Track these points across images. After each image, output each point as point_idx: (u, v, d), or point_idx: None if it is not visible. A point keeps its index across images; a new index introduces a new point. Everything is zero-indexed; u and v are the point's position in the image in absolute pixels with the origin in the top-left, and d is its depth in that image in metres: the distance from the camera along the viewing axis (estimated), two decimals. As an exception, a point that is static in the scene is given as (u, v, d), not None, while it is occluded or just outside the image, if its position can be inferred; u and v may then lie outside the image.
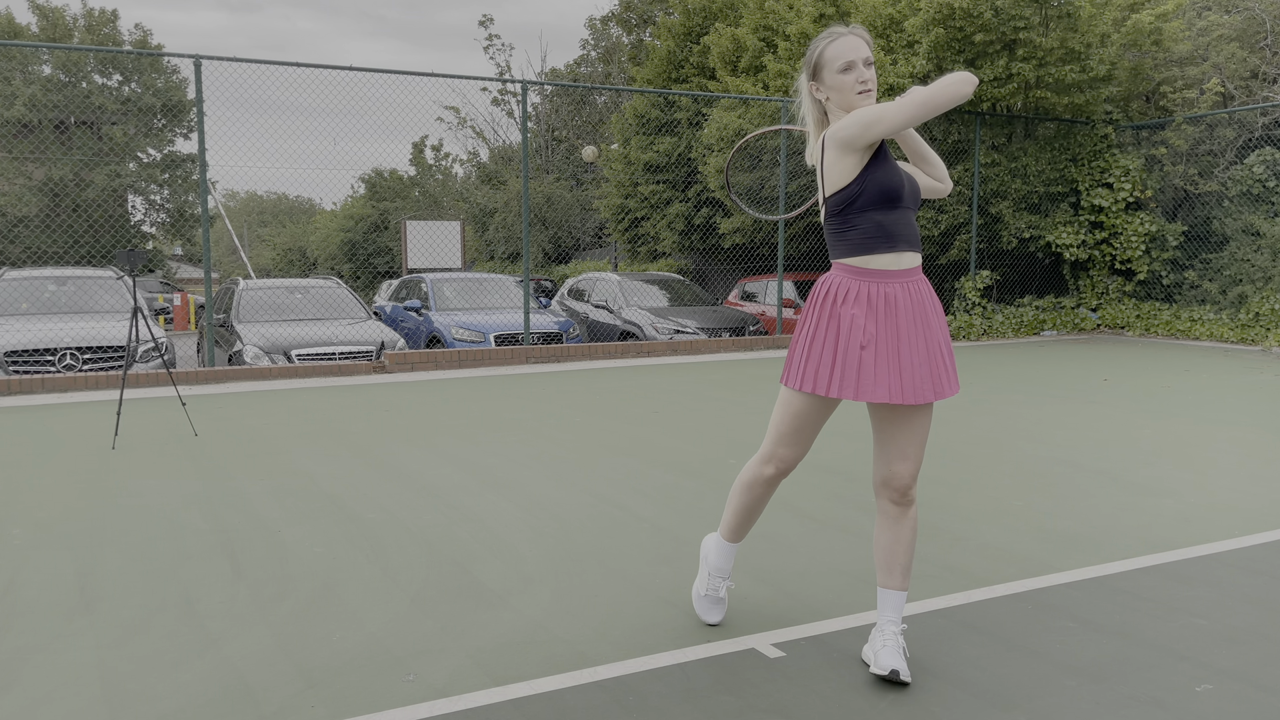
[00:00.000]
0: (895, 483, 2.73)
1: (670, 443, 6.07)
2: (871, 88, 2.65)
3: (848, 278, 2.68)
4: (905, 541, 2.75)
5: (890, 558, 2.76)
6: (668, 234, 20.72)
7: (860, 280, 2.66)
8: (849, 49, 2.65)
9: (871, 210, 2.64)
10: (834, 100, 2.70)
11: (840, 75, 2.66)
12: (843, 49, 2.65)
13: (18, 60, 24.04)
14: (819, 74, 2.70)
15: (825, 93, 2.71)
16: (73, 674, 2.76)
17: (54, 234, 23.84)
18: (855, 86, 2.64)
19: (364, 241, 35.28)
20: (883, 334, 2.62)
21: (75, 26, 25.82)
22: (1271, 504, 4.57)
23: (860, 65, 2.64)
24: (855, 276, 2.66)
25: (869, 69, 2.65)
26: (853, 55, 2.64)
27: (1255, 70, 13.54)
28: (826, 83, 2.69)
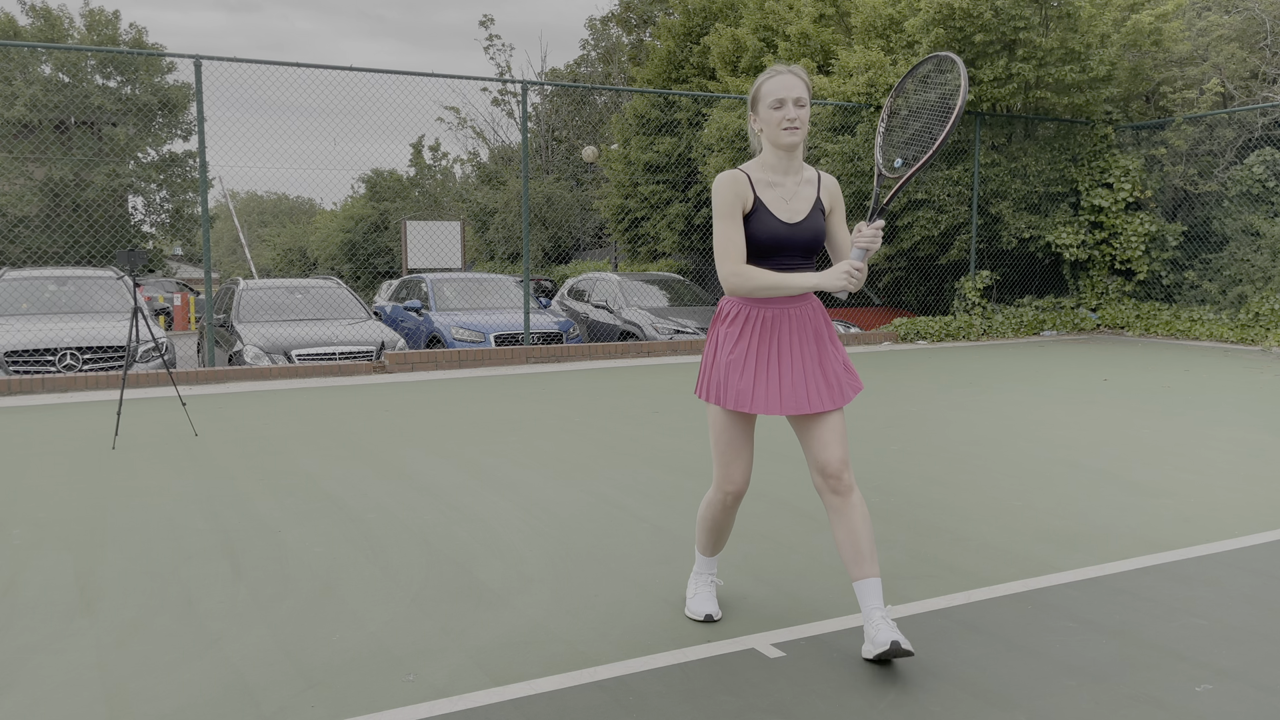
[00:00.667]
0: (828, 470, 2.85)
1: (670, 443, 6.07)
2: (799, 127, 2.79)
3: (735, 301, 2.93)
4: (860, 529, 2.83)
5: (853, 549, 2.83)
6: (668, 234, 20.73)
7: (744, 304, 2.91)
8: (782, 87, 2.79)
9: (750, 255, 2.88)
10: (765, 133, 2.85)
11: (771, 110, 2.81)
12: (776, 86, 2.80)
13: (17, 61, 24.05)
14: (755, 106, 2.87)
15: (759, 124, 2.87)
16: (73, 674, 2.76)
17: (54, 234, 23.84)
18: (781, 123, 2.80)
19: (364, 241, 35.28)
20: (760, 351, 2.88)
21: (73, 26, 25.82)
22: (1271, 504, 4.57)
23: (790, 104, 2.78)
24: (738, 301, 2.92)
25: (800, 109, 2.79)
26: (784, 94, 2.78)
27: (1255, 70, 13.54)
28: (760, 115, 2.85)
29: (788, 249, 2.88)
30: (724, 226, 2.83)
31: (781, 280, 2.78)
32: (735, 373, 2.87)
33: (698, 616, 3.15)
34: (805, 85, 2.81)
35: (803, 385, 2.87)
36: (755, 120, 2.89)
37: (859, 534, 2.82)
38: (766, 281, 2.79)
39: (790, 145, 2.82)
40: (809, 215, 2.89)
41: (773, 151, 2.87)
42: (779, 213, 2.86)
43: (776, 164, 2.88)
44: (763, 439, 6.17)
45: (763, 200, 2.85)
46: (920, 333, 12.91)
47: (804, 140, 2.84)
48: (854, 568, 2.82)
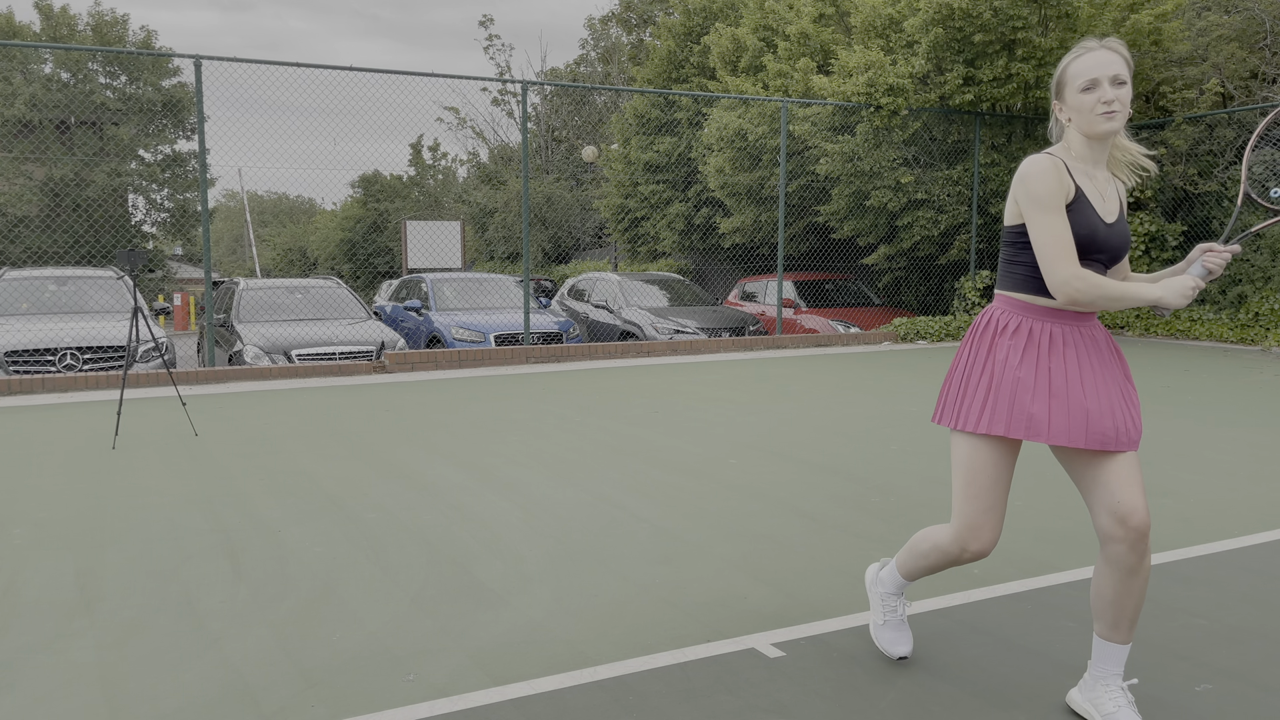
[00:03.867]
0: (1133, 520, 2.33)
1: (670, 443, 6.07)
2: (1118, 110, 2.36)
3: (1013, 311, 2.48)
4: (1136, 594, 2.37)
5: (1118, 612, 2.40)
6: (668, 234, 20.73)
7: (1026, 315, 2.46)
8: (1096, 65, 2.37)
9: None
10: (1075, 121, 2.43)
11: (1082, 94, 2.39)
12: (1089, 65, 2.38)
13: (18, 60, 24.04)
14: (1061, 92, 2.46)
15: (1068, 113, 2.44)
16: (73, 674, 2.76)
17: (54, 234, 23.84)
18: (1095, 107, 2.37)
19: (363, 241, 35.29)
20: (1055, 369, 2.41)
21: (76, 27, 25.82)
22: (1271, 504, 4.57)
23: (1106, 84, 2.36)
24: (1021, 311, 2.47)
25: (1119, 88, 2.36)
26: (1098, 72, 2.36)
27: (1255, 70, 13.54)
28: (1068, 102, 2.43)
29: (1101, 252, 2.41)
30: (1051, 221, 2.34)
31: (1128, 290, 2.30)
32: (1026, 393, 2.38)
33: (891, 655, 2.81)
34: (1125, 61, 2.39)
35: (1109, 414, 2.38)
36: (1061, 108, 2.45)
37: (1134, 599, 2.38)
38: (1116, 292, 2.29)
39: (1108, 133, 2.37)
40: (1120, 216, 2.46)
41: (1084, 143, 2.43)
42: (1099, 208, 2.42)
43: (1088, 154, 2.44)
44: (762, 438, 6.18)
45: (1084, 191, 2.40)
46: (920, 333, 12.91)
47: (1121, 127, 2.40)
48: (1110, 629, 2.43)
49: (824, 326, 13.67)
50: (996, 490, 2.47)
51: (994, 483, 2.46)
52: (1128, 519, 2.32)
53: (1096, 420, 2.36)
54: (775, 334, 13.08)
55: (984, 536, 2.49)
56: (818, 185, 14.90)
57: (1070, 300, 2.33)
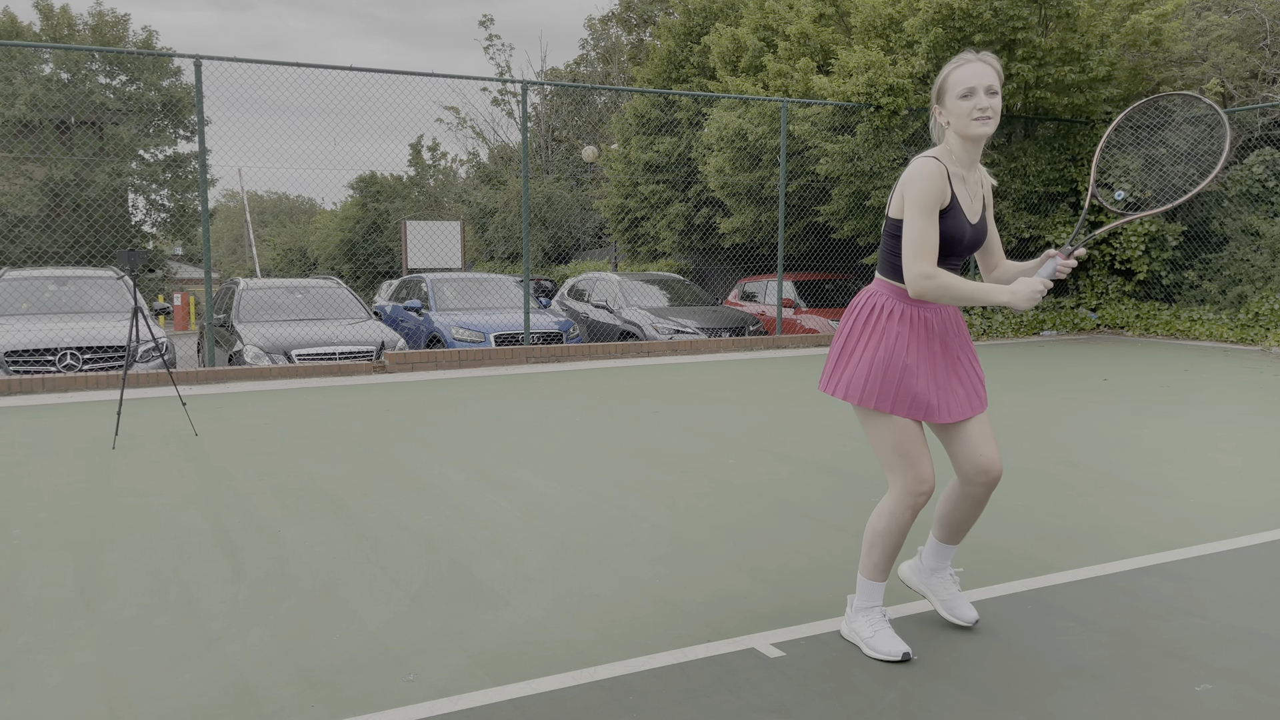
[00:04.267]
0: (992, 470, 2.85)
1: (670, 443, 6.07)
2: (991, 116, 2.68)
3: (892, 297, 2.82)
4: (978, 516, 2.99)
5: (963, 525, 2.99)
6: (668, 234, 20.72)
7: (904, 301, 2.81)
8: (972, 75, 2.69)
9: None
10: (953, 125, 2.74)
11: (960, 100, 2.70)
12: (966, 75, 2.70)
13: (19, 60, 24.04)
14: (942, 98, 2.77)
15: (946, 116, 2.75)
16: (73, 674, 2.76)
17: (54, 234, 23.84)
18: (971, 113, 2.69)
19: (363, 241, 35.29)
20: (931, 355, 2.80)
21: (75, 27, 25.81)
22: (1271, 504, 4.57)
23: (981, 93, 2.68)
24: (899, 298, 2.81)
25: (991, 97, 2.68)
26: (974, 82, 2.69)
27: (1255, 70, 13.54)
28: (948, 107, 2.74)
29: (964, 249, 2.80)
30: (924, 224, 2.68)
31: (976, 291, 2.64)
32: (913, 380, 2.77)
33: (894, 657, 2.83)
34: (996, 73, 2.72)
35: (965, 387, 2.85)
36: (941, 112, 2.77)
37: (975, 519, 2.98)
38: (964, 291, 2.65)
39: (981, 136, 2.71)
40: (983, 215, 2.84)
41: (961, 144, 2.76)
42: (968, 212, 2.78)
43: (963, 156, 2.77)
44: (763, 438, 6.18)
45: (958, 197, 2.76)
46: (920, 333, 12.89)
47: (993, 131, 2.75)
48: (951, 534, 3.01)
49: (824, 326, 13.67)
50: (919, 442, 2.81)
51: (915, 437, 2.80)
52: (989, 471, 2.85)
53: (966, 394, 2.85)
54: (775, 334, 13.08)
55: (927, 477, 2.81)
56: (818, 185, 14.90)
57: (918, 294, 2.70)
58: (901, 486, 2.80)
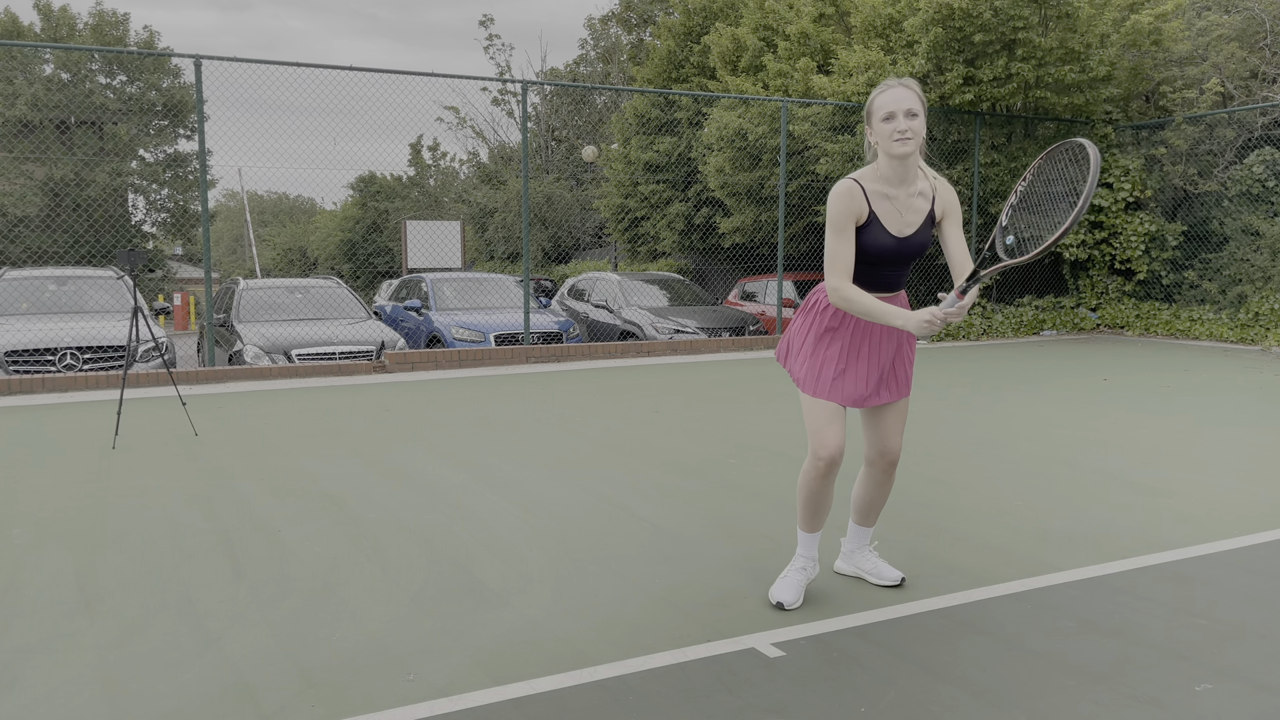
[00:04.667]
0: (891, 455, 3.29)
1: (670, 443, 6.07)
2: (910, 137, 2.90)
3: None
4: (885, 496, 3.40)
5: (872, 506, 3.42)
6: (668, 234, 20.72)
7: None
8: (893, 100, 2.91)
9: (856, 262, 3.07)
10: (879, 145, 2.97)
11: (882, 124, 2.93)
12: (888, 100, 2.92)
13: (19, 60, 24.04)
14: (870, 120, 3.00)
15: (874, 137, 2.99)
16: (73, 674, 2.76)
17: (55, 234, 23.84)
18: (892, 135, 2.91)
19: (363, 241, 35.29)
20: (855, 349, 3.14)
21: (75, 27, 25.81)
22: (1271, 504, 4.57)
23: (901, 116, 2.90)
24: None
25: (911, 120, 2.90)
26: (894, 107, 2.90)
27: (1255, 70, 13.53)
28: (874, 128, 2.98)
29: (892, 261, 3.04)
30: (835, 241, 2.98)
31: (876, 310, 2.92)
32: (830, 367, 3.13)
33: (773, 599, 3.25)
34: (917, 97, 2.92)
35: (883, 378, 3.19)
36: (870, 133, 3.01)
37: (883, 499, 3.40)
38: (864, 307, 2.94)
39: (902, 155, 2.92)
40: (919, 229, 3.04)
41: (887, 162, 2.98)
42: (890, 226, 3.01)
43: (890, 174, 2.99)
44: (762, 438, 6.18)
45: (876, 213, 2.99)
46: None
47: (918, 150, 2.95)
48: (864, 517, 3.44)
49: (824, 326, 13.64)
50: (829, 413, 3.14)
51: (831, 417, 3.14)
52: (887, 454, 3.29)
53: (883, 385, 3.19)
54: (775, 334, 13.08)
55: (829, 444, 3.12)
56: (818, 185, 14.90)
57: (833, 303, 3.03)
58: (810, 450, 3.20)
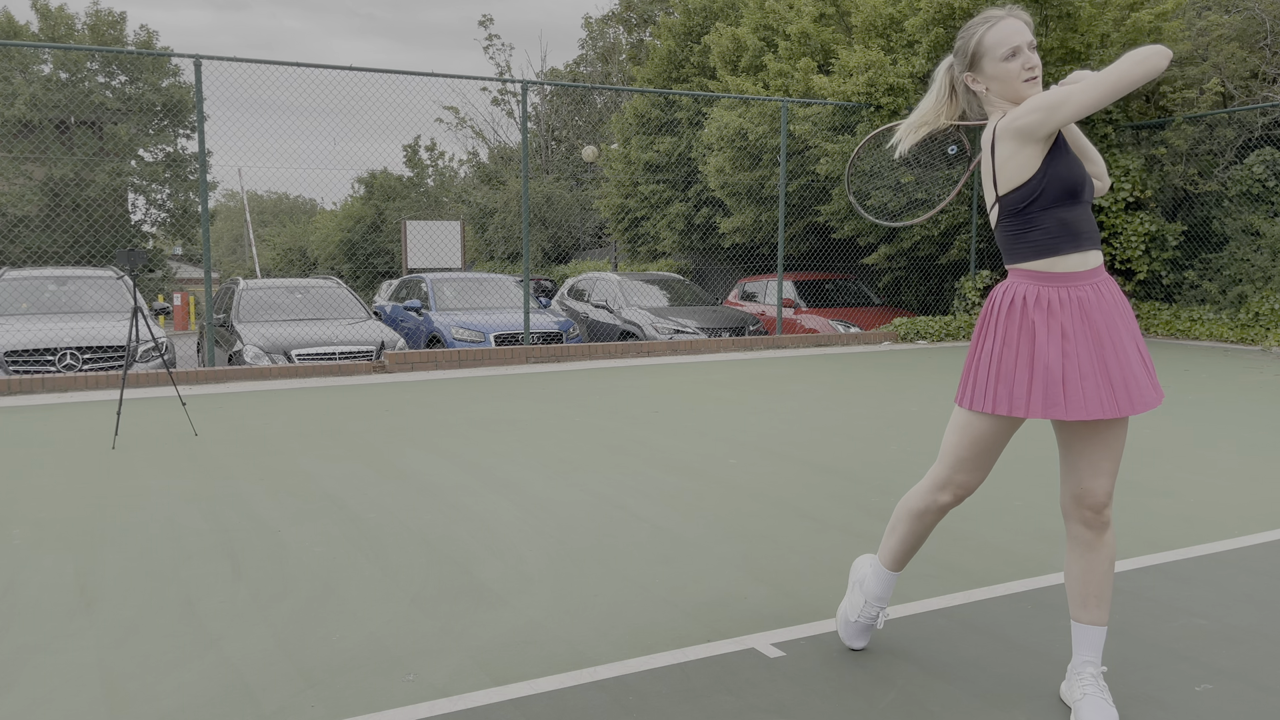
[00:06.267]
0: (1089, 500, 2.43)
1: (670, 443, 6.07)
2: (1038, 74, 2.43)
3: (1033, 284, 2.43)
4: (1101, 570, 2.46)
5: (1084, 588, 2.48)
6: (668, 234, 20.72)
7: (1047, 285, 2.42)
8: (1012, 33, 2.43)
9: (1055, 207, 2.40)
10: (995, 90, 2.47)
11: (1004, 64, 2.43)
12: (1005, 33, 2.43)
13: (18, 60, 24.04)
14: (978, 63, 2.48)
15: (985, 83, 2.48)
16: (73, 674, 2.76)
17: (54, 234, 23.84)
18: (1021, 74, 2.42)
19: (363, 241, 35.29)
20: (1081, 342, 2.38)
21: (74, 26, 25.81)
22: (1271, 504, 4.57)
23: (1025, 50, 2.42)
24: (1041, 282, 2.42)
25: (1034, 53, 2.43)
26: (1017, 40, 2.42)
27: (1255, 70, 13.53)
28: (987, 72, 2.46)
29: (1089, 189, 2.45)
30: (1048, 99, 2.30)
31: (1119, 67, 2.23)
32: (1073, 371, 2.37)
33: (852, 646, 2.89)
34: (1029, 25, 2.45)
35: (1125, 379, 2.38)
36: (977, 79, 2.50)
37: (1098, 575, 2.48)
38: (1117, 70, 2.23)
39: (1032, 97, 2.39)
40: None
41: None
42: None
43: None
44: (763, 438, 6.18)
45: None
46: (920, 333, 12.91)
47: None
48: (1078, 608, 2.51)
49: (824, 326, 13.67)
50: (993, 457, 2.54)
51: (995, 452, 2.53)
52: (1083, 498, 2.44)
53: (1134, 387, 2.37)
54: (775, 334, 13.08)
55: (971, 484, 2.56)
56: (818, 185, 14.89)
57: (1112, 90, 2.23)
58: (929, 480, 2.62)
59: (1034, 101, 2.34)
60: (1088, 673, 2.47)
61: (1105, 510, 2.43)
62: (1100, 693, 2.45)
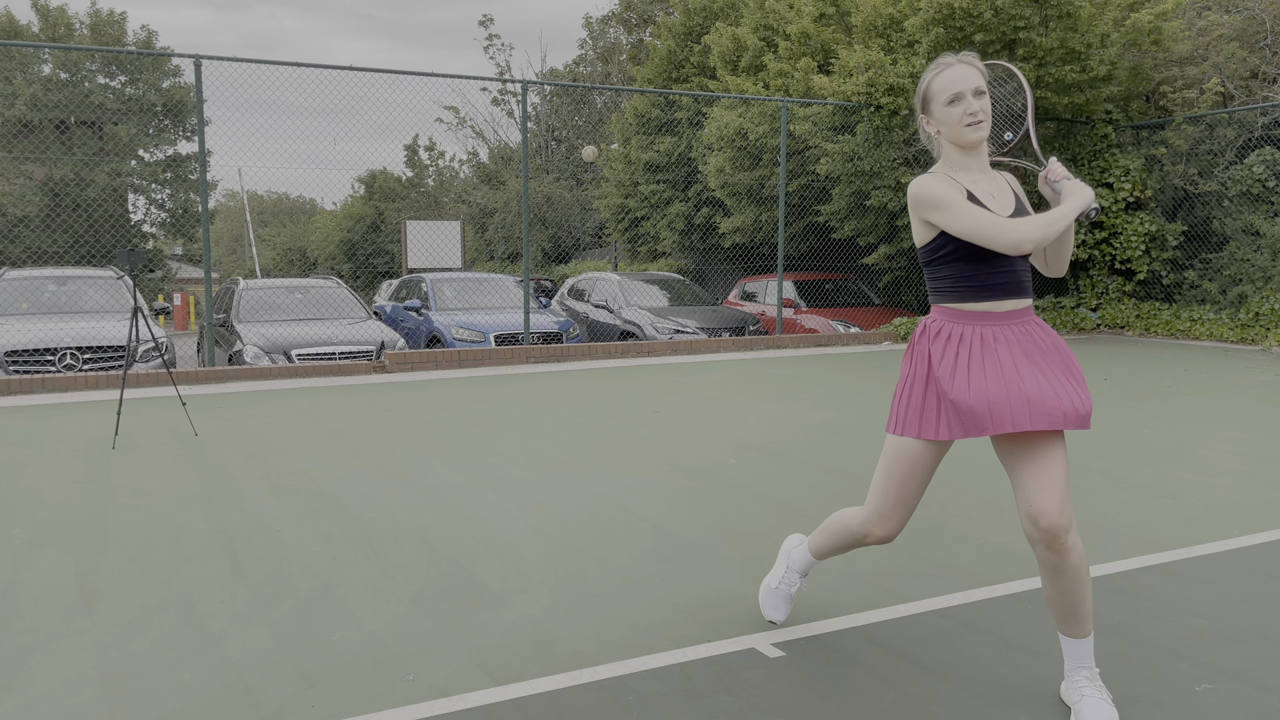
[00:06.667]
0: (1043, 521, 2.39)
1: (670, 443, 6.07)
2: (982, 119, 2.52)
3: (946, 320, 2.57)
4: (1072, 592, 2.45)
5: (1060, 609, 2.51)
6: (668, 234, 20.72)
7: (958, 322, 2.55)
8: (957, 79, 2.54)
9: (960, 261, 2.53)
10: (944, 133, 2.60)
11: (947, 108, 2.56)
12: (949, 80, 2.55)
13: (18, 60, 24.03)
14: (927, 106, 2.63)
15: (934, 125, 2.62)
16: (73, 674, 2.76)
17: (54, 234, 23.84)
18: (963, 119, 2.53)
19: (362, 241, 35.29)
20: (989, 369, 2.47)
21: (75, 26, 25.81)
22: (1271, 504, 4.57)
23: (969, 96, 2.52)
24: (952, 319, 2.56)
25: (980, 99, 2.53)
26: (960, 87, 2.53)
27: (1255, 70, 13.53)
28: (935, 115, 2.60)
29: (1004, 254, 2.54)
30: (964, 209, 2.46)
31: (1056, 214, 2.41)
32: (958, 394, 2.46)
33: (770, 618, 3.05)
34: (981, 73, 2.56)
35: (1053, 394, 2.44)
36: (929, 122, 2.63)
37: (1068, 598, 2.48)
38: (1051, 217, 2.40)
39: (976, 141, 2.54)
40: (1017, 209, 2.59)
41: (958, 152, 2.60)
42: (994, 208, 2.55)
43: (967, 163, 2.59)
44: (763, 438, 6.18)
45: (975, 195, 2.55)
46: (920, 332, 12.90)
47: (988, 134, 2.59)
48: (1060, 624, 2.55)
49: (824, 326, 13.67)
50: (910, 486, 2.62)
51: (909, 479, 2.61)
52: (1037, 519, 2.42)
53: (1039, 402, 2.42)
54: (775, 334, 13.08)
55: (889, 525, 2.68)
56: (818, 185, 14.90)
57: (1036, 244, 2.40)
58: (864, 511, 2.73)
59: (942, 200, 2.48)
60: (1082, 675, 2.53)
61: (1065, 535, 2.40)
62: (1098, 692, 2.48)
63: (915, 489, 2.62)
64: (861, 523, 2.73)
